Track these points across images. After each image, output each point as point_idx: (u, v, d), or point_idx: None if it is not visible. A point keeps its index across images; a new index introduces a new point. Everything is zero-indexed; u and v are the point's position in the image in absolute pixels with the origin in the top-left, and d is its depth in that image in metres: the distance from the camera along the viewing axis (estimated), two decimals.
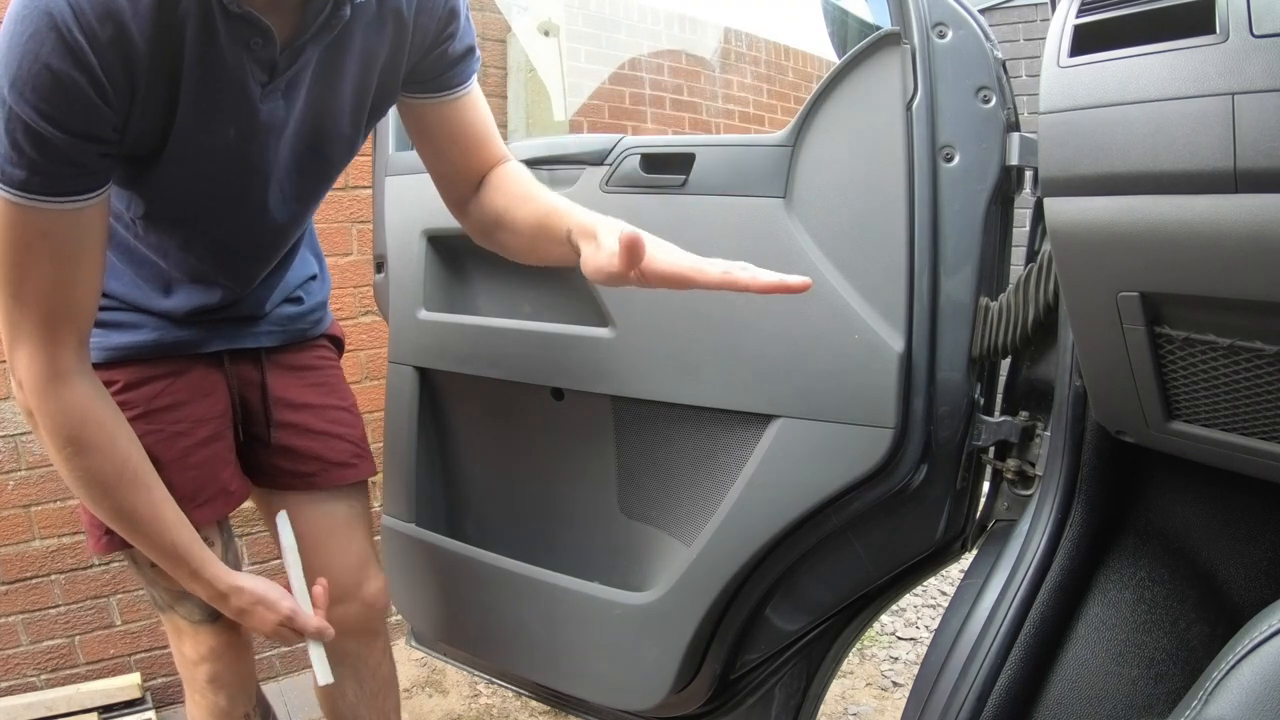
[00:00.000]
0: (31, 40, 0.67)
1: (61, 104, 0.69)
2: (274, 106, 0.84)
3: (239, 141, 0.84)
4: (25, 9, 0.67)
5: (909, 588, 1.16)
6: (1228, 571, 0.89)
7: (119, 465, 0.88)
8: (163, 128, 0.79)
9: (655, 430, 1.16)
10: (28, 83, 0.68)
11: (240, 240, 0.98)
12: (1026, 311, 0.92)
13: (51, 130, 0.70)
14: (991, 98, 0.93)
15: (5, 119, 0.69)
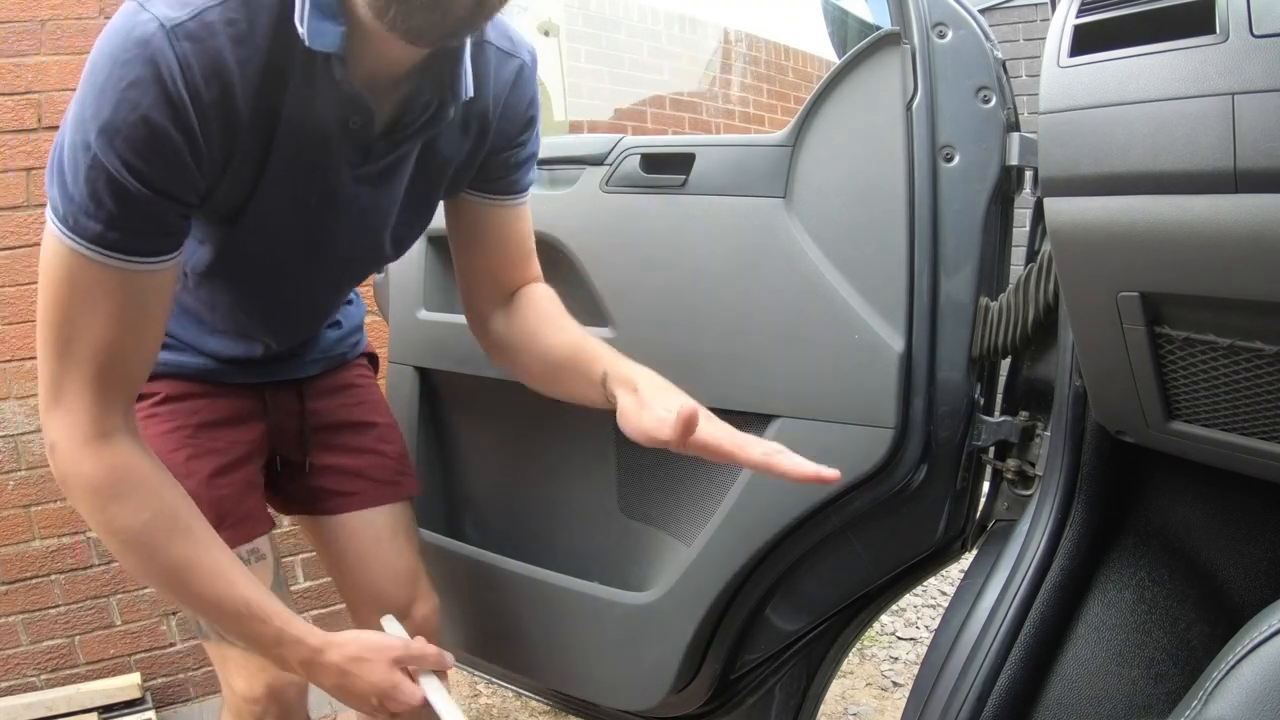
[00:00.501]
0: (132, 88, 0.62)
1: (154, 161, 0.65)
2: (358, 191, 0.81)
3: (316, 218, 0.81)
4: (126, 50, 0.62)
5: (909, 588, 1.16)
6: (1228, 571, 0.89)
7: (168, 519, 0.79)
8: (248, 194, 0.75)
9: None
10: (120, 132, 0.63)
11: (292, 306, 0.97)
12: (1026, 311, 0.92)
13: (138, 186, 0.65)
14: (991, 98, 0.93)
15: (88, 166, 0.64)
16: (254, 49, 0.67)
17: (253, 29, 0.66)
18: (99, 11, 1.83)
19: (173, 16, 0.63)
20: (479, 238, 0.97)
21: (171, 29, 0.62)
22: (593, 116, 2.89)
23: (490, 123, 0.87)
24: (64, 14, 1.80)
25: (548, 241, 1.18)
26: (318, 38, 0.67)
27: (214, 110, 0.66)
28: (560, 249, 1.17)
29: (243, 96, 0.67)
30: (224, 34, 0.65)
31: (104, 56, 0.63)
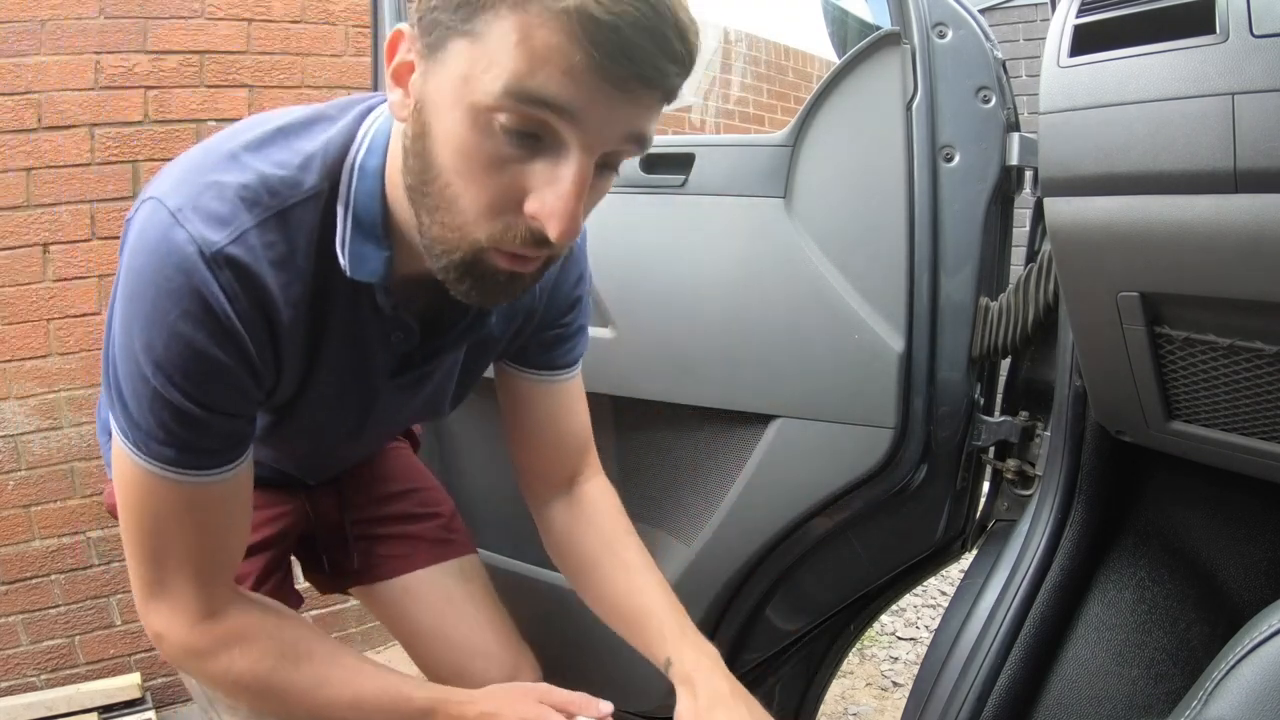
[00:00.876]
0: (182, 321, 0.60)
1: (216, 389, 0.64)
2: (397, 391, 0.80)
3: (357, 409, 0.81)
4: (169, 279, 0.59)
5: (909, 588, 1.16)
6: (1228, 571, 0.89)
7: (291, 655, 0.77)
8: (293, 396, 0.75)
9: (655, 430, 1.16)
10: (179, 368, 0.61)
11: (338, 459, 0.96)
12: (1026, 311, 0.92)
13: (203, 412, 0.64)
14: (991, 98, 0.93)
15: (149, 398, 0.63)
16: (295, 273, 0.65)
17: (293, 252, 0.64)
18: (99, 11, 1.83)
19: (212, 241, 0.60)
20: (523, 415, 0.92)
21: (212, 257, 0.60)
22: None
23: (536, 307, 0.85)
24: (64, 14, 1.79)
25: None
26: (360, 265, 0.66)
27: (264, 334, 0.65)
28: None
29: (287, 320, 0.66)
30: (265, 258, 0.62)
31: (145, 281, 0.60)
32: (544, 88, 0.53)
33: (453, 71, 0.56)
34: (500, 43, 0.53)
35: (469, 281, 0.61)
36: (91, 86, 1.83)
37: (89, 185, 1.85)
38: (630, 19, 0.52)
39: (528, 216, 0.58)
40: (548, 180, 0.56)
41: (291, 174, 0.64)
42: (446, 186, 0.58)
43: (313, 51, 2.08)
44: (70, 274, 1.85)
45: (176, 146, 1.93)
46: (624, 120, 0.56)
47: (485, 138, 0.56)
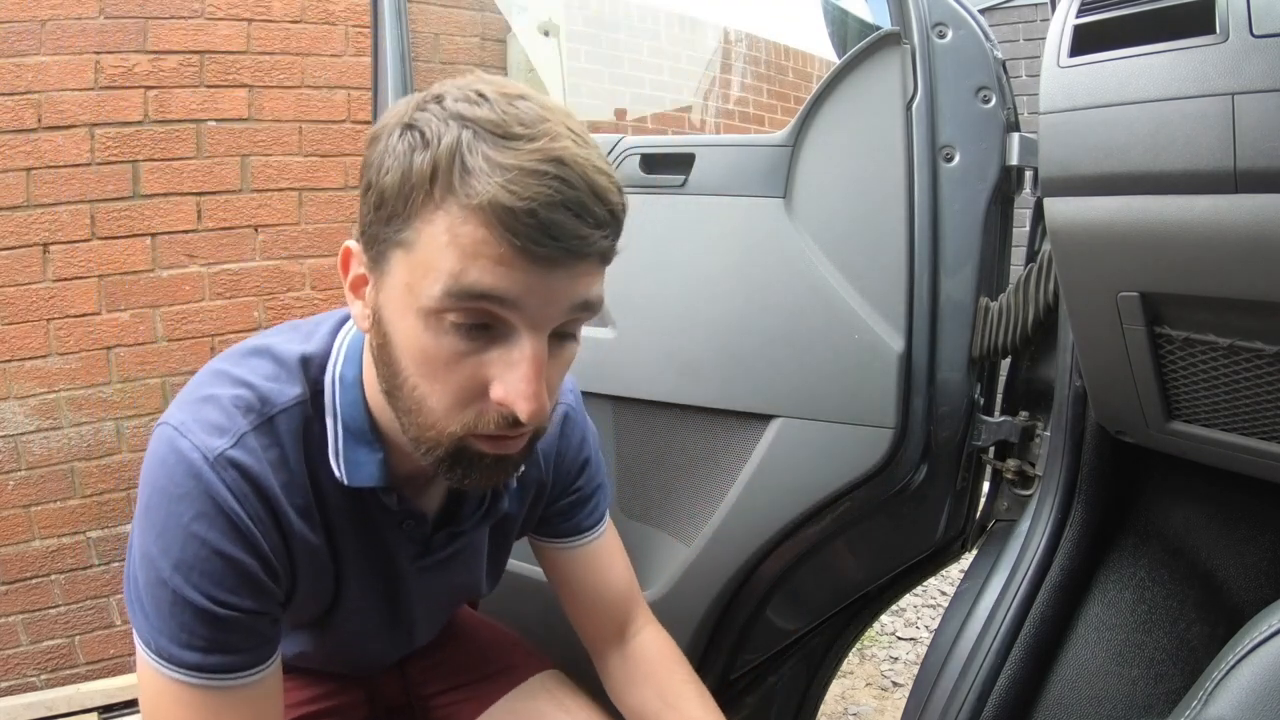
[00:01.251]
0: (195, 522, 0.62)
1: (234, 586, 0.64)
2: (424, 577, 0.81)
3: (388, 602, 0.81)
4: (178, 485, 0.63)
5: (909, 588, 1.16)
6: (1228, 571, 0.89)
7: None
8: (329, 601, 0.76)
9: (655, 430, 1.16)
10: (195, 568, 0.63)
11: (384, 654, 0.93)
12: (1026, 311, 0.92)
13: (223, 610, 0.64)
14: (991, 98, 0.93)
15: (170, 603, 0.63)
16: (292, 473, 0.67)
17: (286, 456, 0.67)
18: (99, 11, 1.83)
19: (213, 445, 0.63)
20: (563, 580, 0.93)
21: (216, 460, 0.63)
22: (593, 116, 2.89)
23: (546, 478, 0.86)
24: (64, 14, 1.80)
25: None
26: (356, 472, 0.68)
27: (274, 533, 0.67)
28: None
29: (294, 516, 0.68)
30: (264, 459, 0.65)
31: (158, 493, 0.63)
32: (479, 282, 0.55)
33: (397, 281, 0.59)
34: (431, 247, 0.56)
35: (459, 470, 0.64)
36: (91, 86, 1.83)
37: (89, 185, 1.85)
38: (544, 199, 0.54)
39: (495, 403, 0.60)
40: (506, 366, 0.59)
41: (276, 384, 0.68)
42: (414, 389, 0.61)
43: (313, 51, 2.08)
44: (70, 274, 1.85)
45: (176, 146, 1.94)
46: (564, 294, 0.58)
47: (439, 338, 0.58)
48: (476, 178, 0.54)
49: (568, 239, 0.55)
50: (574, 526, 0.91)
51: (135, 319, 1.93)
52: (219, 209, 1.99)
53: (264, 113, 2.03)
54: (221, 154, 1.99)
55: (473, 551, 0.85)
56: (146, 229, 1.92)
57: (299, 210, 2.09)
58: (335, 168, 2.13)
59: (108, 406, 1.92)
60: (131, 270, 1.92)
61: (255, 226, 2.04)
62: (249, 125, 2.01)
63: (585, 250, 0.57)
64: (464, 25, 2.35)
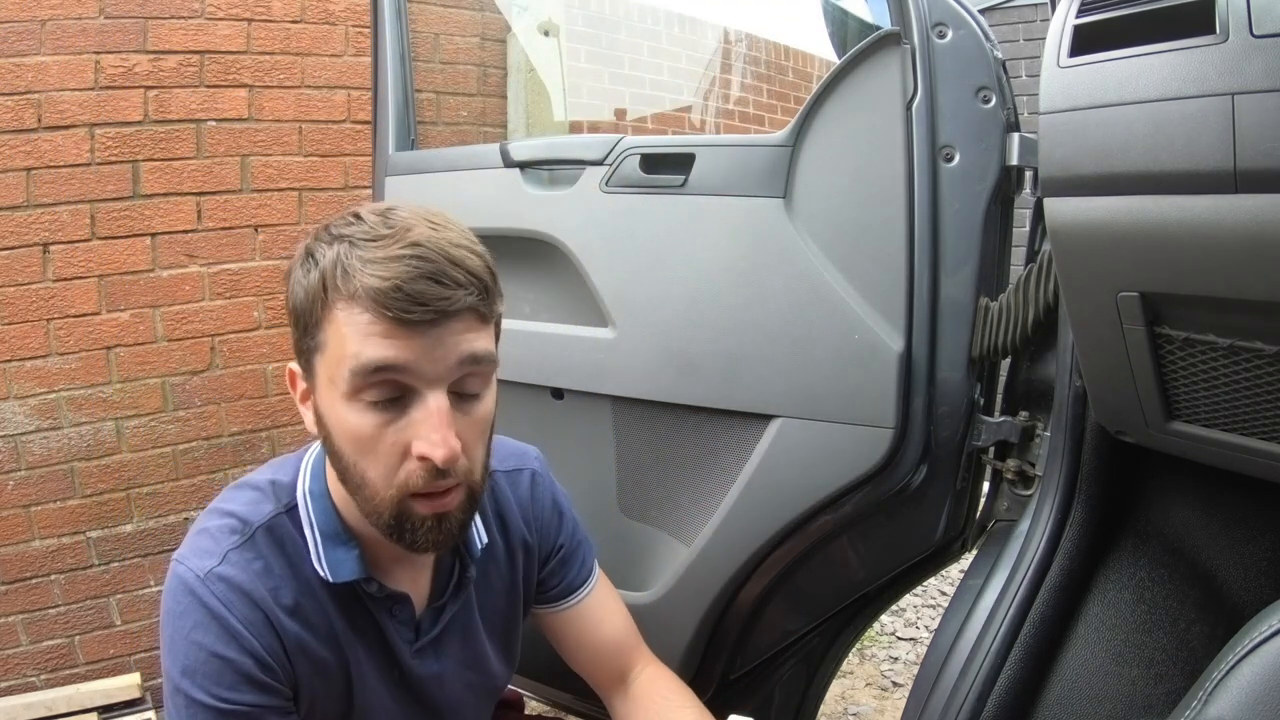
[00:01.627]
0: (195, 631, 0.72)
1: (234, 684, 0.72)
2: (427, 663, 0.86)
3: (407, 699, 0.86)
4: (179, 604, 0.73)
5: (909, 588, 1.16)
6: (1228, 571, 0.89)
7: None
8: (346, 698, 0.81)
9: (655, 430, 1.16)
10: (198, 672, 0.72)
11: None
12: (1026, 311, 0.92)
13: (229, 706, 0.72)
14: (991, 98, 0.93)
15: (184, 706, 0.72)
16: (279, 579, 0.76)
17: (269, 566, 0.76)
18: (99, 11, 1.83)
19: (204, 565, 0.74)
20: (567, 640, 0.99)
21: (205, 576, 0.73)
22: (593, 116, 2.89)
23: (528, 538, 0.93)
24: (64, 14, 1.79)
25: (548, 241, 1.18)
26: (338, 569, 0.77)
27: (265, 632, 0.74)
28: (560, 249, 1.17)
29: (284, 616, 0.76)
30: (249, 570, 0.75)
31: (167, 615, 0.74)
32: (374, 357, 0.67)
33: (323, 380, 0.72)
34: (335, 342, 0.69)
35: (405, 533, 0.73)
36: (91, 86, 1.83)
37: (89, 185, 1.85)
38: (406, 276, 0.66)
39: (416, 459, 0.70)
40: (418, 424, 0.69)
41: (254, 507, 0.79)
42: (355, 467, 0.72)
43: (313, 51, 2.08)
44: (70, 274, 1.85)
45: (176, 146, 1.94)
46: (449, 351, 0.69)
47: (361, 416, 0.70)
48: (354, 276, 0.67)
49: (433, 301, 0.66)
50: (567, 587, 0.97)
51: (135, 319, 1.93)
52: (219, 209, 1.99)
53: (264, 113, 2.03)
54: (221, 154, 1.99)
55: (470, 631, 0.90)
56: (146, 229, 1.92)
57: (299, 210, 2.09)
58: (335, 168, 2.13)
59: (108, 406, 1.92)
60: (131, 270, 1.92)
61: (255, 226, 2.04)
62: (249, 125, 2.01)
63: (452, 308, 0.68)
64: (464, 25, 2.35)
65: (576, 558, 0.98)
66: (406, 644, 0.83)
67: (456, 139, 2.33)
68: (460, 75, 2.35)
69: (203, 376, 2.01)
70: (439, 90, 2.31)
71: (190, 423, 2.01)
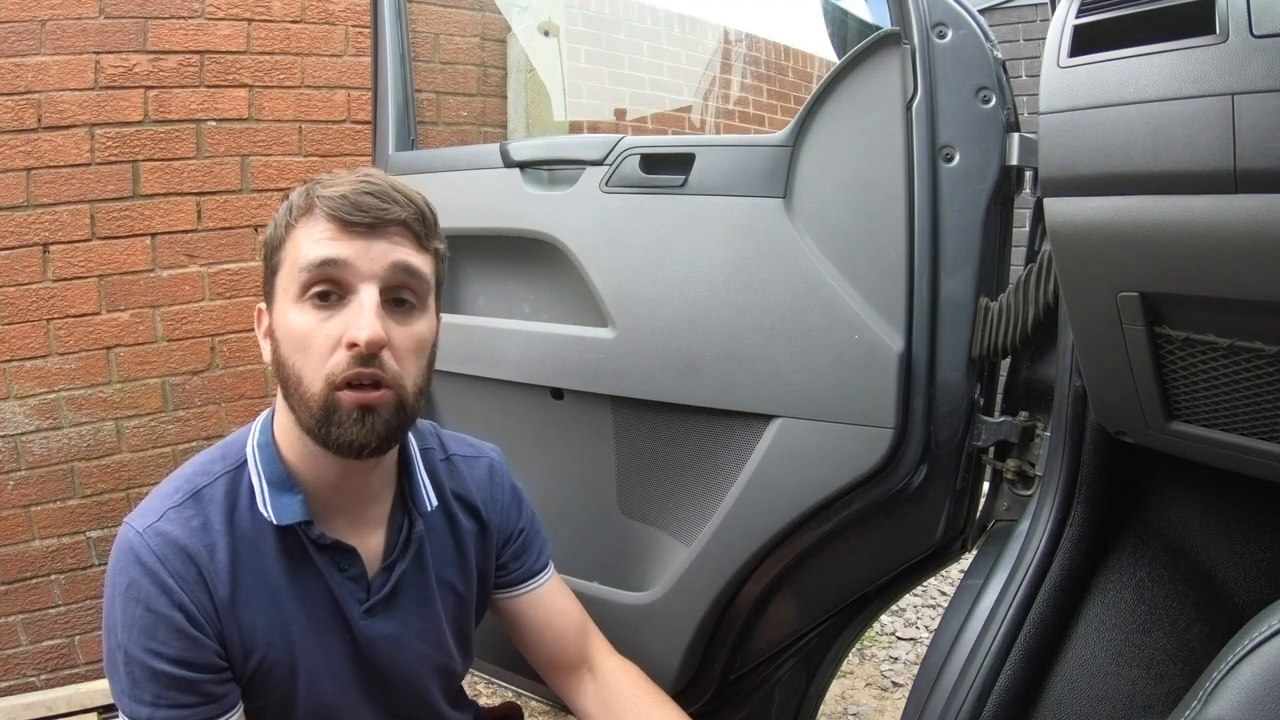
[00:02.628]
0: (131, 588, 0.76)
1: (167, 639, 0.76)
2: (379, 622, 0.87)
3: (356, 664, 0.87)
4: (119, 561, 0.78)
5: (909, 588, 1.16)
6: (1228, 571, 0.89)
7: None
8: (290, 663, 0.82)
9: (655, 430, 1.16)
10: (134, 626, 0.76)
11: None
12: (1026, 311, 0.92)
13: (162, 665, 0.75)
14: (991, 98, 0.93)
15: (123, 662, 0.76)
16: (217, 536, 0.80)
17: (208, 522, 0.80)
18: (99, 11, 1.83)
19: (143, 522, 0.79)
20: (526, 629, 1.02)
21: (141, 532, 0.78)
22: (593, 116, 2.89)
23: (486, 518, 0.98)
24: (64, 14, 1.79)
25: (548, 241, 1.18)
26: (283, 513, 0.81)
27: (198, 588, 0.78)
28: (560, 249, 1.17)
29: (221, 575, 0.79)
30: (186, 527, 0.79)
31: (109, 573, 0.79)
32: (319, 254, 0.77)
33: (279, 296, 0.81)
34: (290, 255, 0.80)
35: (331, 426, 0.77)
36: (91, 86, 1.83)
37: (89, 185, 1.85)
38: (351, 188, 0.78)
39: (345, 345, 0.76)
40: (349, 314, 0.77)
41: (203, 470, 0.83)
42: (293, 369, 0.78)
43: (313, 51, 2.08)
44: (70, 274, 1.85)
45: (176, 146, 1.94)
46: (383, 254, 0.78)
47: (303, 314, 0.78)
48: (315, 199, 0.79)
49: (372, 210, 0.78)
50: (527, 571, 1.01)
51: (135, 319, 1.93)
52: (219, 209, 1.99)
53: (264, 113, 2.03)
54: (221, 154, 1.99)
55: (423, 599, 0.91)
56: (146, 229, 1.92)
57: None
58: (335, 168, 2.13)
59: (108, 406, 1.92)
60: (131, 270, 1.92)
61: (255, 226, 2.04)
62: (249, 125, 2.01)
63: (388, 218, 0.78)
64: (464, 25, 2.35)
65: (535, 544, 1.03)
66: (357, 603, 0.85)
67: (456, 139, 2.33)
68: (460, 75, 2.35)
69: (203, 376, 2.01)
70: (439, 90, 2.31)
71: (190, 423, 2.01)
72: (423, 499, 0.90)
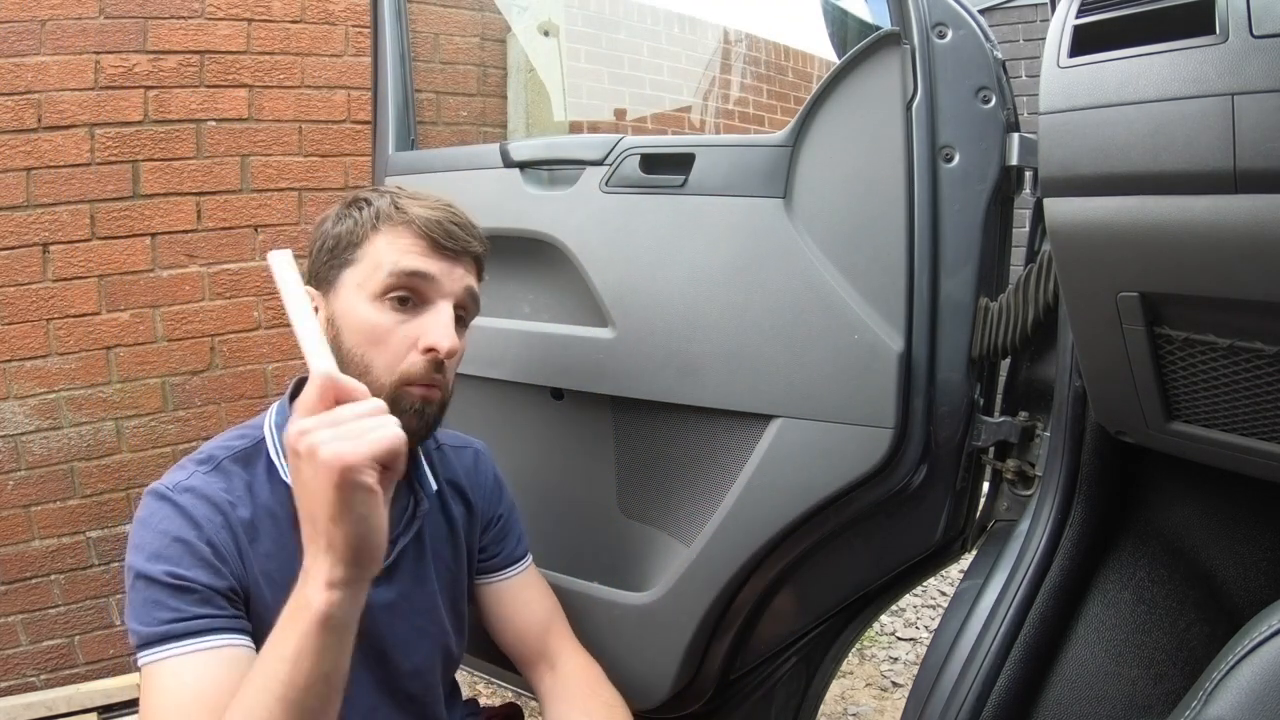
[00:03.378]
0: (161, 522, 0.81)
1: (190, 564, 0.79)
2: (379, 590, 0.89)
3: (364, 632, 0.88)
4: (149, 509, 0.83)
5: (909, 588, 1.16)
6: (1227, 571, 0.89)
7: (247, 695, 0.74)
8: None
9: (655, 430, 1.16)
10: (159, 554, 0.79)
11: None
12: (1026, 311, 0.92)
13: (183, 582, 0.79)
14: (991, 98, 0.93)
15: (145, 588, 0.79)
16: (238, 498, 0.85)
17: (231, 486, 0.86)
18: (99, 11, 1.83)
19: (172, 480, 0.84)
20: (502, 613, 1.06)
21: (173, 486, 0.83)
22: (593, 116, 2.89)
23: (472, 500, 1.04)
24: (64, 14, 1.80)
25: (547, 241, 1.18)
26: None
27: (221, 529, 0.82)
28: (560, 249, 1.17)
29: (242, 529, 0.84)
30: (212, 486, 0.84)
31: (138, 522, 0.83)
32: (412, 264, 0.87)
33: (348, 285, 0.88)
34: (376, 254, 0.88)
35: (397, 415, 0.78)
36: (91, 86, 1.83)
37: (89, 185, 1.85)
38: (445, 217, 0.89)
39: (422, 350, 0.86)
40: (430, 322, 0.87)
41: (222, 445, 0.89)
42: (360, 359, 0.85)
43: (313, 51, 2.08)
44: (70, 274, 1.85)
45: (176, 146, 1.94)
46: (461, 278, 0.90)
47: (382, 313, 0.86)
48: (405, 210, 0.89)
49: (461, 240, 0.90)
50: (507, 557, 1.07)
51: (135, 319, 1.93)
52: (219, 209, 1.99)
53: (264, 113, 2.03)
54: (221, 154, 1.99)
55: (419, 572, 0.95)
56: (146, 229, 1.92)
57: (299, 210, 2.09)
58: (335, 168, 2.13)
59: (108, 406, 1.92)
60: (131, 270, 1.92)
61: (255, 226, 2.04)
62: (249, 125, 2.02)
63: (470, 250, 0.91)
64: (464, 25, 2.36)
65: (515, 531, 1.09)
66: None
67: (456, 139, 2.33)
68: (460, 75, 2.35)
69: (203, 376, 2.01)
70: (439, 90, 2.31)
71: (190, 423, 2.01)
72: (428, 481, 0.98)
